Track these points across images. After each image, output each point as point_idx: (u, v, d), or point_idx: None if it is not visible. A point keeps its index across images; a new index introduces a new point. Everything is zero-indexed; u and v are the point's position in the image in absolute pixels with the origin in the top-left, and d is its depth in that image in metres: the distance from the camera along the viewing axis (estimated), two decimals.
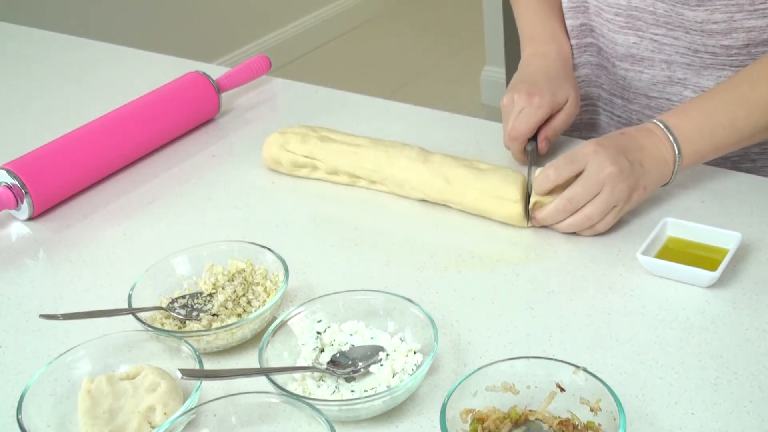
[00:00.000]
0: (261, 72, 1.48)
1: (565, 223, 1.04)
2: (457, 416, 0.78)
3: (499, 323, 0.94)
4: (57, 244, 1.15)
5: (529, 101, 1.15)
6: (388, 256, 1.06)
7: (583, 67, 1.32)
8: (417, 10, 4.39)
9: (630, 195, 1.03)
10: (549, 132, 1.18)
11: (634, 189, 1.03)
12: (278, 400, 0.81)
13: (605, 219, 1.03)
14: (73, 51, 1.73)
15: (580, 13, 1.27)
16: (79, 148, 1.23)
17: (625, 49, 1.23)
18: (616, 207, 1.03)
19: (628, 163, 1.02)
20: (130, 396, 0.85)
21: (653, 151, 1.04)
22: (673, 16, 1.15)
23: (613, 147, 1.03)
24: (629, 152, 1.03)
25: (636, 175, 1.02)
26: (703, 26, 1.14)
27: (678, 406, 0.82)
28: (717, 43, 1.14)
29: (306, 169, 1.22)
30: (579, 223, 1.03)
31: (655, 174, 1.05)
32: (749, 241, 1.01)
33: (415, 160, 1.14)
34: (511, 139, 1.16)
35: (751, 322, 0.91)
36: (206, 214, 1.18)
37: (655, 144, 1.05)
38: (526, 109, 1.15)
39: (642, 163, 1.03)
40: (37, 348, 0.97)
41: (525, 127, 1.15)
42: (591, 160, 1.01)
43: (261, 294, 0.98)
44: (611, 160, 1.01)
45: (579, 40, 1.29)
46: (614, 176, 1.01)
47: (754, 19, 1.11)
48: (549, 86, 1.17)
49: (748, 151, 1.24)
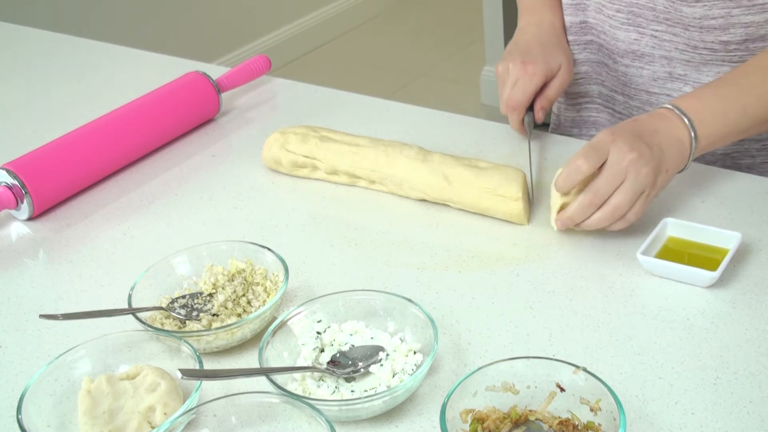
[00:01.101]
0: (261, 72, 1.48)
1: (594, 218, 1.00)
2: (457, 416, 0.78)
3: (499, 323, 0.94)
4: (57, 244, 1.15)
5: (524, 70, 1.17)
6: (388, 256, 1.06)
7: (583, 64, 1.33)
8: (417, 10, 4.39)
9: (655, 178, 1.00)
10: (544, 101, 1.20)
11: (658, 172, 1.00)
12: (278, 400, 0.81)
13: (635, 207, 1.00)
14: (73, 51, 1.73)
15: (580, 10, 1.28)
16: (79, 148, 1.23)
17: (626, 46, 1.23)
18: (644, 193, 1.00)
19: (647, 147, 0.99)
20: (130, 396, 0.85)
21: (669, 134, 1.02)
22: (672, 12, 1.16)
23: (629, 133, 1.00)
24: (646, 136, 1.01)
25: (657, 158, 1.00)
26: (702, 22, 1.14)
27: (678, 406, 0.82)
28: (715, 39, 1.15)
29: (306, 169, 1.22)
30: (609, 215, 0.99)
31: (674, 156, 1.02)
32: (749, 241, 1.01)
33: (415, 160, 1.14)
34: (510, 109, 1.18)
35: (751, 322, 0.91)
36: (206, 214, 1.18)
37: (669, 127, 1.03)
38: (522, 79, 1.17)
39: (660, 146, 1.01)
40: (37, 348, 0.97)
41: (522, 97, 1.17)
42: (611, 149, 0.99)
43: (261, 294, 0.98)
44: (630, 146, 0.98)
45: (579, 37, 1.30)
46: (636, 162, 0.98)
47: (752, 14, 1.12)
48: (542, 54, 1.20)
49: (748, 147, 1.24)
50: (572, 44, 1.31)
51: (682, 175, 1.15)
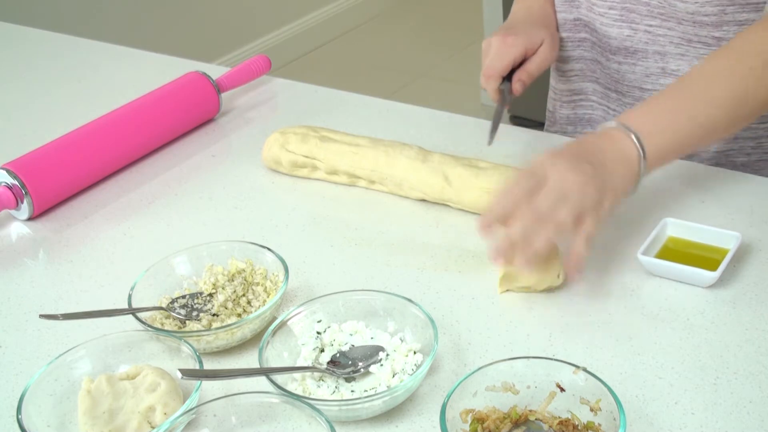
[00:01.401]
0: (261, 72, 1.48)
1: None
2: (457, 416, 0.78)
3: (499, 323, 0.94)
4: (57, 244, 1.15)
5: (504, 41, 1.18)
6: (388, 256, 1.06)
7: (577, 61, 1.33)
8: (417, 10, 4.39)
9: (600, 197, 0.94)
10: (523, 74, 1.19)
11: (603, 191, 0.94)
12: (278, 400, 0.81)
13: (585, 225, 0.92)
14: (73, 51, 1.73)
15: (574, 7, 1.28)
16: (79, 148, 1.23)
17: (618, 42, 1.24)
18: (589, 210, 0.93)
19: (590, 165, 0.94)
20: (130, 396, 0.85)
21: (615, 153, 0.97)
22: (666, 7, 1.16)
23: (570, 155, 0.96)
24: (588, 155, 0.96)
25: (601, 177, 0.94)
26: (695, 17, 1.15)
27: (678, 406, 0.82)
28: (708, 34, 1.15)
29: (306, 169, 1.22)
30: (552, 234, 0.92)
31: (621, 174, 0.97)
32: (749, 241, 1.01)
33: (415, 160, 1.14)
34: (486, 77, 1.18)
35: (751, 322, 0.91)
36: (206, 214, 1.18)
37: (615, 146, 0.98)
38: (501, 48, 1.18)
39: (605, 165, 0.96)
40: (37, 348, 0.97)
41: (499, 64, 1.17)
42: (551, 173, 0.92)
43: (261, 294, 0.98)
44: (572, 168, 0.93)
45: (573, 34, 1.31)
46: (579, 183, 0.92)
47: (746, 12, 1.12)
48: (524, 29, 1.21)
49: (743, 145, 1.24)
50: (566, 41, 1.31)
51: (682, 175, 1.15)
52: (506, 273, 0.96)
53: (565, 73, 1.35)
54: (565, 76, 1.35)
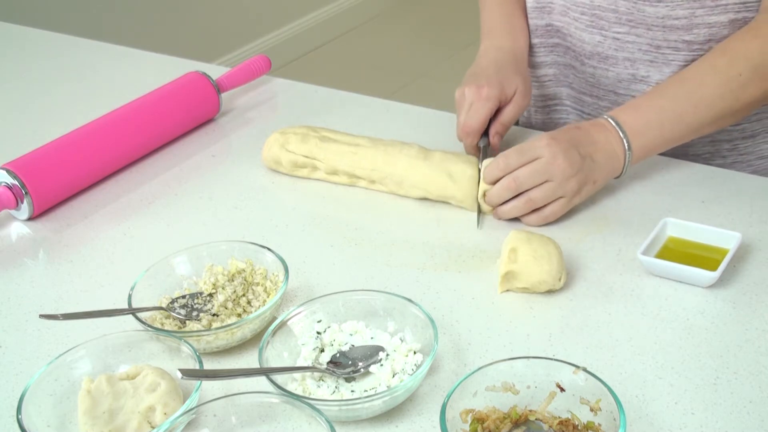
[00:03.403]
0: (261, 72, 1.48)
1: (508, 205, 1.07)
2: (457, 416, 0.78)
3: (499, 323, 0.94)
4: (57, 244, 1.15)
5: (478, 94, 1.17)
6: (388, 256, 1.06)
7: (550, 66, 1.34)
8: (417, 10, 4.39)
9: (580, 188, 1.06)
10: (498, 126, 1.20)
11: (585, 183, 1.06)
12: (278, 400, 0.81)
13: (552, 207, 1.06)
14: (73, 51, 1.73)
15: (546, 13, 1.29)
16: (79, 149, 1.23)
17: (591, 47, 1.25)
18: (564, 198, 1.05)
19: (580, 157, 1.05)
20: (130, 396, 0.85)
21: (605, 146, 1.07)
22: (635, 13, 1.17)
23: (566, 141, 1.05)
24: (582, 146, 1.06)
25: (586, 170, 1.05)
26: (665, 22, 1.16)
27: (678, 406, 0.82)
28: (679, 38, 1.17)
29: (306, 169, 1.22)
30: (522, 205, 1.06)
31: (605, 168, 1.07)
32: (749, 241, 1.01)
33: (416, 158, 1.14)
34: (465, 134, 1.18)
35: (751, 322, 0.91)
36: (206, 214, 1.18)
37: (607, 139, 1.08)
38: (476, 103, 1.17)
39: (593, 158, 1.06)
40: (37, 348, 0.97)
41: (476, 122, 1.17)
42: (543, 152, 1.04)
43: (261, 294, 0.98)
44: (563, 154, 1.04)
45: (545, 39, 1.31)
46: (564, 169, 1.04)
47: (715, 15, 1.14)
48: (497, 78, 1.20)
49: (719, 148, 1.26)
50: (538, 47, 1.32)
51: (682, 174, 1.15)
52: (507, 273, 0.96)
53: (538, 79, 1.36)
54: (539, 81, 1.36)
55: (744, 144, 1.25)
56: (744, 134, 1.25)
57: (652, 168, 1.17)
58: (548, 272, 0.95)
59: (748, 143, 1.25)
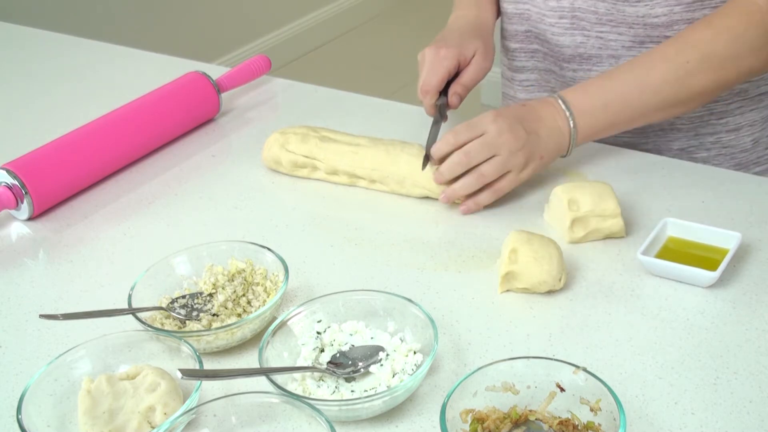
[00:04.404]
0: (261, 72, 1.48)
1: (459, 182, 1.09)
2: (457, 416, 0.78)
3: (499, 323, 0.94)
4: (57, 244, 1.15)
5: (437, 53, 1.20)
6: (388, 256, 1.06)
7: (531, 71, 1.35)
8: (417, 10, 4.39)
9: (526, 162, 1.09)
10: (458, 87, 1.22)
11: (531, 158, 1.09)
12: (278, 400, 0.81)
13: (500, 183, 1.09)
14: (73, 51, 1.73)
15: (524, 19, 1.30)
16: (79, 148, 1.23)
17: (572, 50, 1.26)
18: (512, 172, 1.09)
19: (525, 132, 1.08)
20: (130, 396, 0.85)
21: (550, 122, 1.10)
22: (614, 13, 1.19)
23: (512, 116, 1.09)
24: (527, 122, 1.09)
25: (532, 145, 1.09)
26: (645, 20, 1.18)
27: (678, 406, 0.82)
28: (661, 34, 1.18)
29: (306, 169, 1.22)
30: (474, 180, 1.08)
31: (551, 144, 1.10)
32: (749, 241, 1.01)
33: (418, 157, 1.15)
34: (423, 93, 1.20)
35: (751, 322, 0.91)
36: (206, 214, 1.18)
37: (552, 116, 1.10)
38: (435, 62, 1.20)
39: (538, 133, 1.09)
40: (37, 348, 0.97)
41: (434, 79, 1.19)
42: (490, 127, 1.07)
43: (261, 294, 0.98)
44: (509, 127, 1.07)
45: (525, 45, 1.33)
46: (510, 143, 1.07)
47: (692, 11, 1.16)
48: (457, 40, 1.23)
49: (703, 141, 1.27)
50: (519, 52, 1.34)
51: (682, 174, 1.15)
52: (507, 273, 0.96)
53: (521, 83, 1.37)
54: (521, 85, 1.37)
55: (728, 137, 1.27)
56: (727, 127, 1.27)
57: (652, 168, 1.17)
58: (549, 273, 0.95)
59: (732, 136, 1.27)
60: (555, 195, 1.05)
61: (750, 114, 1.26)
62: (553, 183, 1.15)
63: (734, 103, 1.25)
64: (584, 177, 1.16)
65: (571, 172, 1.17)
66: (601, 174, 1.17)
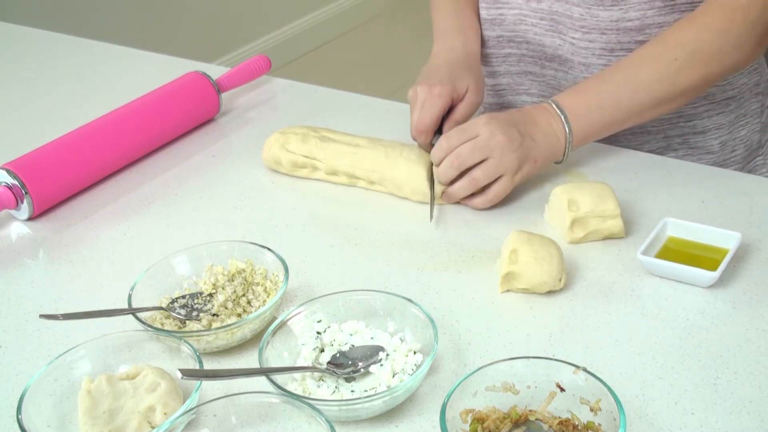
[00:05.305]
0: (261, 72, 1.48)
1: (455, 186, 1.10)
2: (457, 416, 0.78)
3: (499, 323, 0.94)
4: (57, 244, 1.15)
5: (430, 92, 1.18)
6: (388, 256, 1.06)
7: (503, 76, 1.35)
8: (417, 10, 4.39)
9: (520, 165, 1.09)
10: (452, 124, 1.21)
11: (524, 160, 1.09)
12: (278, 400, 0.81)
13: (495, 187, 1.09)
14: (73, 51, 1.73)
15: (497, 25, 1.30)
16: (79, 149, 1.23)
17: (552, 50, 1.27)
18: (505, 176, 1.08)
19: (519, 135, 1.08)
20: (130, 396, 0.85)
21: (545, 127, 1.11)
22: (588, 18, 1.20)
23: (505, 120, 1.09)
24: (521, 125, 1.09)
25: (526, 148, 1.09)
26: (618, 24, 1.19)
27: (678, 406, 0.82)
28: (632, 39, 1.19)
29: (306, 169, 1.22)
30: (467, 185, 1.09)
31: (546, 148, 1.11)
32: (749, 241, 1.01)
33: (416, 163, 1.15)
34: (418, 132, 1.19)
35: (751, 322, 0.91)
36: (206, 214, 1.18)
37: (547, 120, 1.11)
38: (428, 101, 1.18)
39: (533, 137, 1.09)
40: (37, 348, 0.97)
41: (428, 119, 1.18)
42: (482, 129, 1.08)
43: (261, 294, 0.98)
44: (502, 130, 1.07)
45: (496, 50, 1.33)
46: (503, 145, 1.07)
47: (663, 15, 1.17)
48: (449, 77, 1.21)
49: (671, 143, 1.29)
50: (491, 57, 1.34)
51: (682, 174, 1.15)
52: (507, 273, 0.96)
53: (493, 88, 1.38)
54: (494, 90, 1.38)
55: (694, 139, 1.29)
56: (695, 130, 1.28)
57: (652, 168, 1.17)
58: (549, 273, 0.95)
59: (698, 138, 1.29)
60: (555, 195, 1.05)
61: (717, 117, 1.28)
62: (553, 183, 1.15)
63: (702, 107, 1.27)
64: (584, 177, 1.16)
65: (571, 172, 1.17)
66: (601, 174, 1.17)
